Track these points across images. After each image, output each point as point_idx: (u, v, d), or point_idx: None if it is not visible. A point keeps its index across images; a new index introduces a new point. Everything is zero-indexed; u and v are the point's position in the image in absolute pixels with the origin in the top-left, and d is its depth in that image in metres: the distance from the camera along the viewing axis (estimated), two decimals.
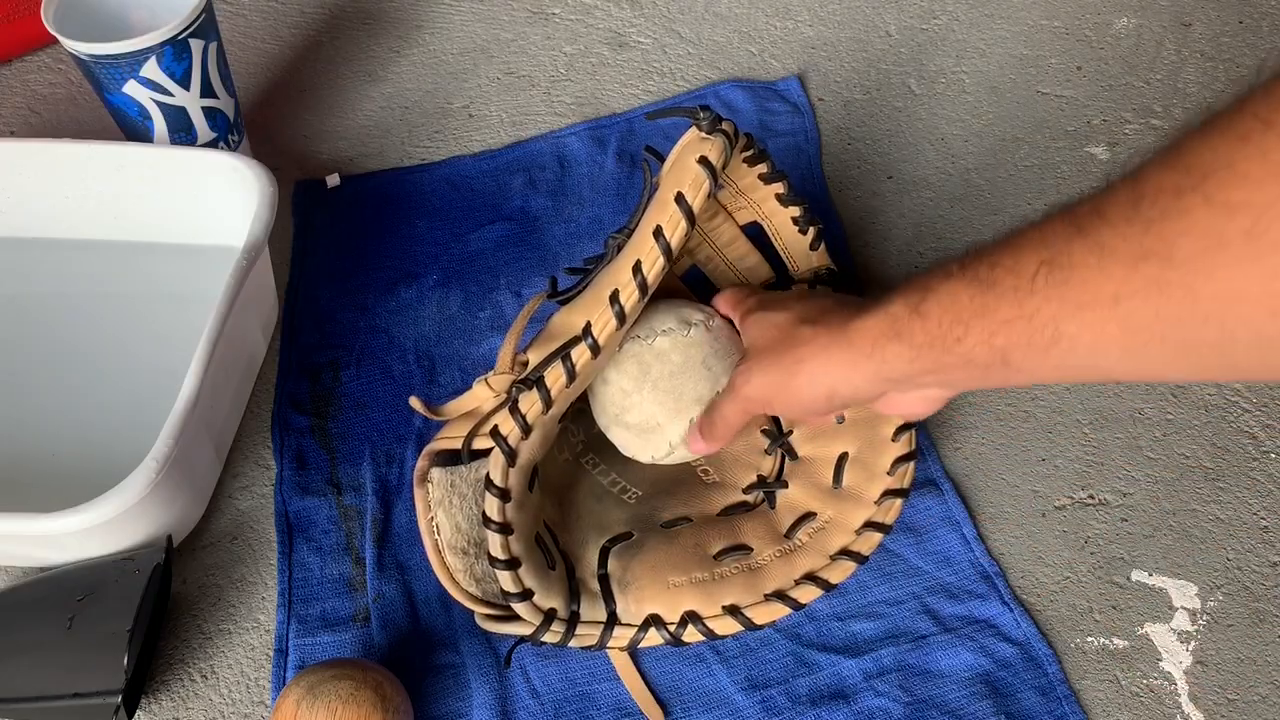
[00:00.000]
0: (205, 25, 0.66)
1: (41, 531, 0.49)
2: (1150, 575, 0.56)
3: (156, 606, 0.52)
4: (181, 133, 0.69)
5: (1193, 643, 0.54)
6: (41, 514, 0.49)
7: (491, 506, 0.48)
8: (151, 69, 0.64)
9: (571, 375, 0.48)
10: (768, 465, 0.57)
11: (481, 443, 0.49)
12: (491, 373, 0.50)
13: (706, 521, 0.55)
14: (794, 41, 0.84)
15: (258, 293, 0.63)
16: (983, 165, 0.75)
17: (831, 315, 0.47)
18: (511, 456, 0.49)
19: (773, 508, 0.55)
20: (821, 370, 0.46)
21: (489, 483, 0.48)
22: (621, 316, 0.48)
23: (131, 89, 0.65)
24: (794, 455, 0.56)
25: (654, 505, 0.56)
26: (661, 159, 0.51)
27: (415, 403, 0.50)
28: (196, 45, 0.65)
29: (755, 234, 0.59)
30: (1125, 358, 0.35)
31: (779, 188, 0.56)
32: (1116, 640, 0.54)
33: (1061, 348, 0.36)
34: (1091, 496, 0.59)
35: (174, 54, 0.64)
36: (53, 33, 0.63)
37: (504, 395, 0.50)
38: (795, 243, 0.58)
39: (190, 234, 0.68)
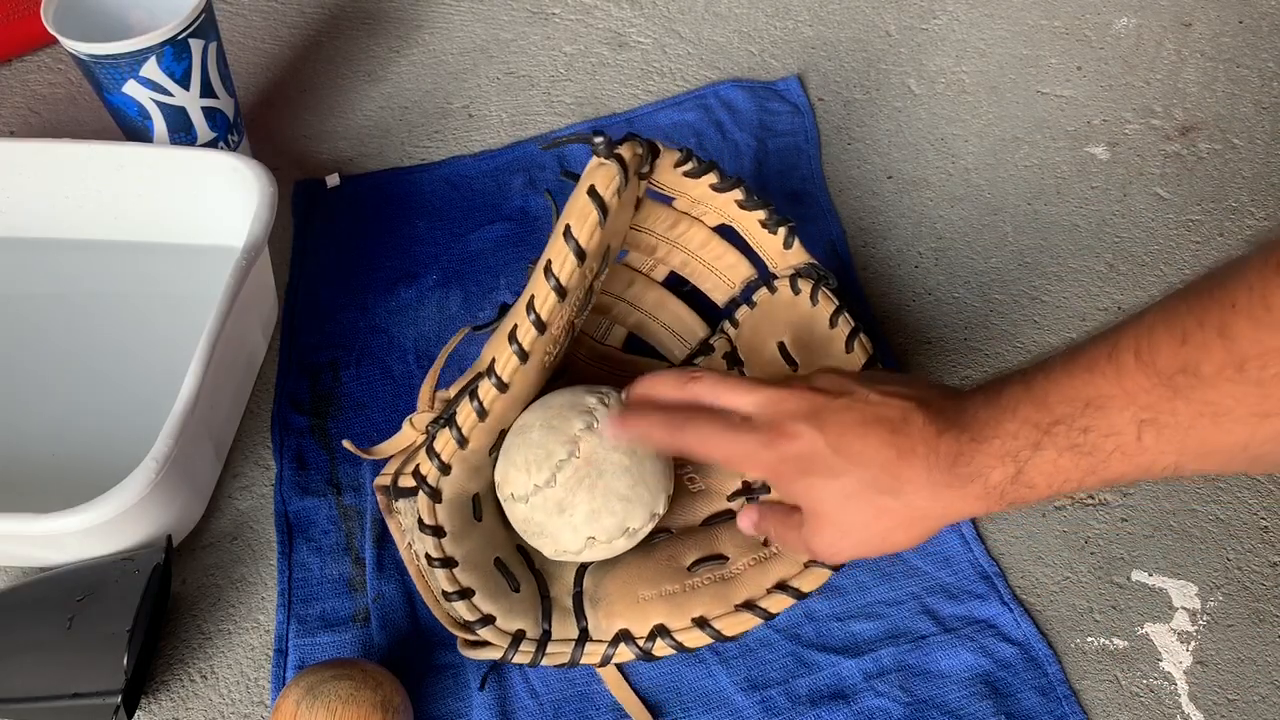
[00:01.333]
0: (205, 25, 0.66)
1: (41, 531, 0.49)
2: (1150, 575, 0.56)
3: (156, 606, 0.52)
4: (181, 133, 0.69)
5: (1193, 643, 0.54)
6: (41, 514, 0.49)
7: (427, 544, 0.49)
8: (151, 69, 0.64)
9: (482, 412, 0.49)
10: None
11: (406, 481, 0.51)
12: (416, 412, 0.51)
13: (686, 532, 0.55)
14: (794, 41, 0.84)
15: (258, 293, 0.63)
16: (983, 165, 0.75)
17: (917, 460, 0.41)
18: (435, 494, 0.50)
19: None
20: (920, 519, 0.42)
21: (420, 523, 0.49)
22: (523, 354, 0.48)
23: (131, 89, 0.65)
24: None
25: None
26: (577, 180, 0.50)
27: (348, 445, 0.52)
28: (196, 45, 0.65)
29: (730, 233, 0.60)
30: (1240, 468, 0.36)
31: (737, 194, 0.56)
32: (1116, 640, 0.54)
33: (1179, 473, 0.36)
34: (1091, 496, 0.59)
35: (174, 54, 0.64)
36: (53, 33, 0.63)
37: (424, 432, 0.51)
38: (768, 242, 0.58)
39: (190, 234, 0.68)
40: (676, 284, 0.64)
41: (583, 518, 0.49)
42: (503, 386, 0.49)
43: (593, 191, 0.48)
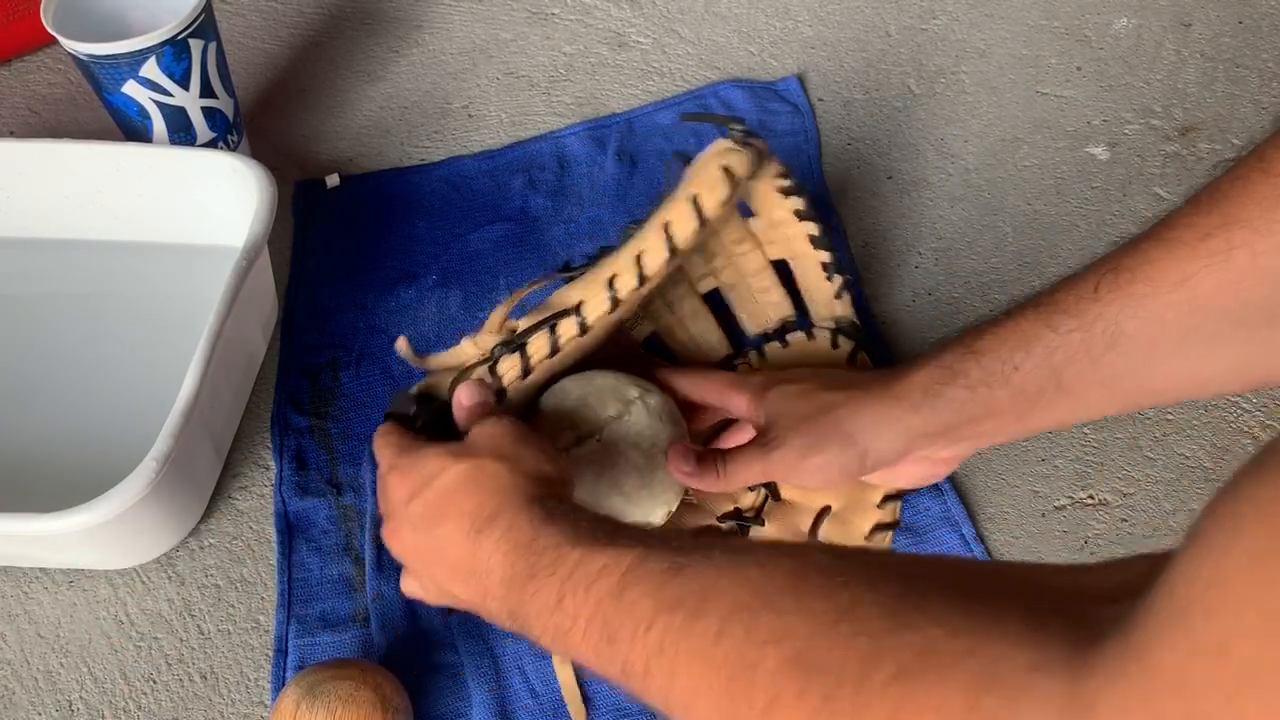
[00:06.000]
0: (205, 25, 0.66)
1: (41, 531, 0.49)
2: None
3: None
4: (181, 133, 0.69)
5: None
6: (41, 514, 0.49)
7: None
8: (151, 69, 0.64)
9: (555, 348, 0.49)
10: (749, 500, 0.57)
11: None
12: (480, 331, 0.51)
13: None
14: (794, 41, 0.84)
15: (257, 293, 0.63)
16: (983, 165, 0.75)
17: (864, 380, 0.48)
18: None
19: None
20: (859, 430, 0.46)
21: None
22: (615, 301, 0.49)
23: (131, 89, 0.65)
24: (777, 497, 0.56)
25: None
26: (688, 162, 0.51)
27: (402, 344, 0.51)
28: (196, 45, 0.65)
29: (783, 272, 0.60)
30: (1179, 347, 0.38)
31: (811, 228, 0.56)
32: None
33: (1117, 351, 0.39)
34: (1091, 496, 0.59)
35: (174, 54, 0.64)
36: (52, 33, 0.63)
37: (487, 354, 0.50)
38: (820, 288, 0.58)
39: (190, 234, 0.68)
40: (712, 301, 0.64)
41: (580, 496, 0.49)
42: (585, 329, 0.49)
43: (727, 170, 0.49)
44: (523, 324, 0.50)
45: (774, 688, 0.28)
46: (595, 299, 0.49)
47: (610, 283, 0.49)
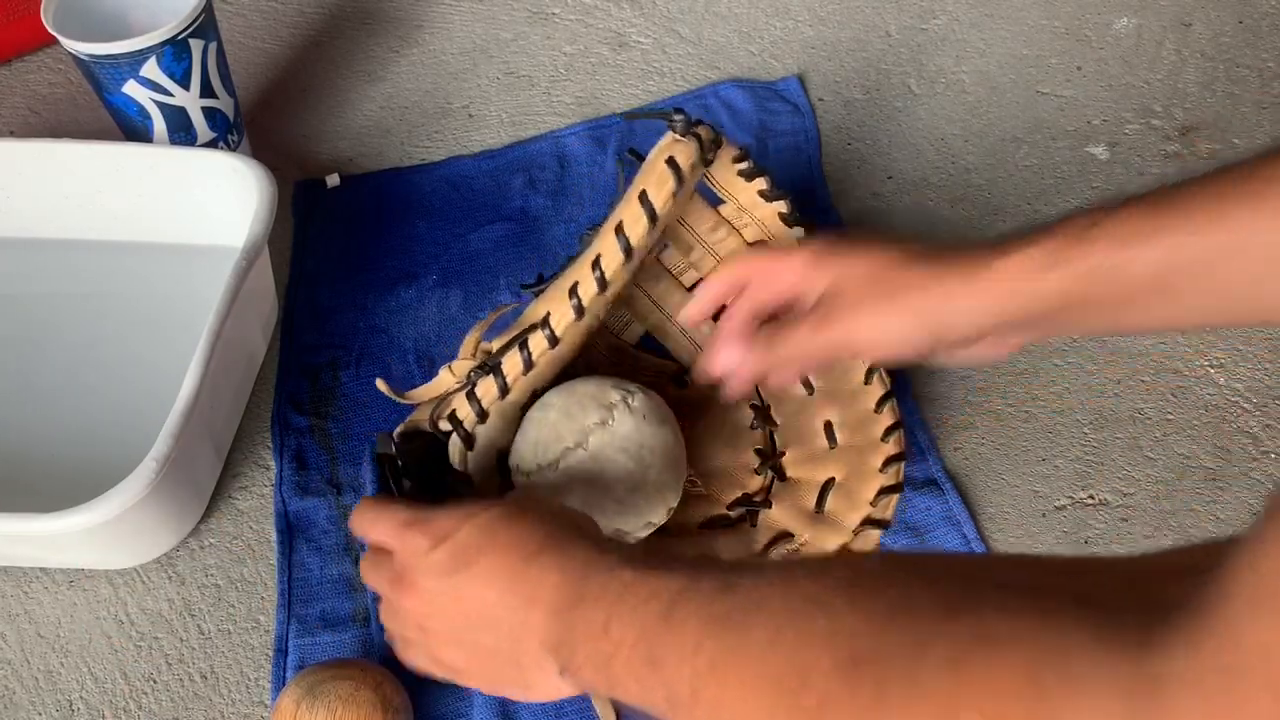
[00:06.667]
0: (205, 25, 0.66)
1: (41, 531, 0.49)
2: None
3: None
4: (181, 133, 0.69)
5: None
6: (41, 514, 0.49)
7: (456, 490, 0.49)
8: (151, 69, 0.64)
9: (529, 364, 0.49)
10: (755, 484, 0.57)
11: (443, 425, 0.50)
12: (456, 359, 0.51)
13: (683, 532, 0.55)
14: (794, 41, 0.84)
15: (257, 293, 0.63)
16: (983, 165, 0.75)
17: (946, 257, 0.44)
18: (469, 440, 0.50)
19: (753, 525, 0.55)
20: (939, 313, 0.44)
21: (447, 467, 0.49)
22: (580, 309, 0.49)
23: (131, 89, 0.65)
24: (783, 476, 0.56)
25: None
26: (643, 160, 0.52)
27: (381, 385, 0.50)
28: (196, 45, 0.65)
29: None
30: None
31: (781, 206, 0.56)
32: None
33: (1241, 259, 0.37)
34: (1091, 496, 0.59)
35: (174, 54, 0.64)
36: (53, 33, 0.63)
37: (464, 381, 0.51)
38: None
39: (190, 234, 0.68)
40: None
41: (573, 507, 0.49)
42: (554, 340, 0.49)
43: (672, 162, 0.49)
44: (496, 344, 0.51)
45: (826, 686, 0.27)
46: (560, 309, 0.49)
47: (572, 291, 0.49)
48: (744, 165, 0.55)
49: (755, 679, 0.29)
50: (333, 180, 0.75)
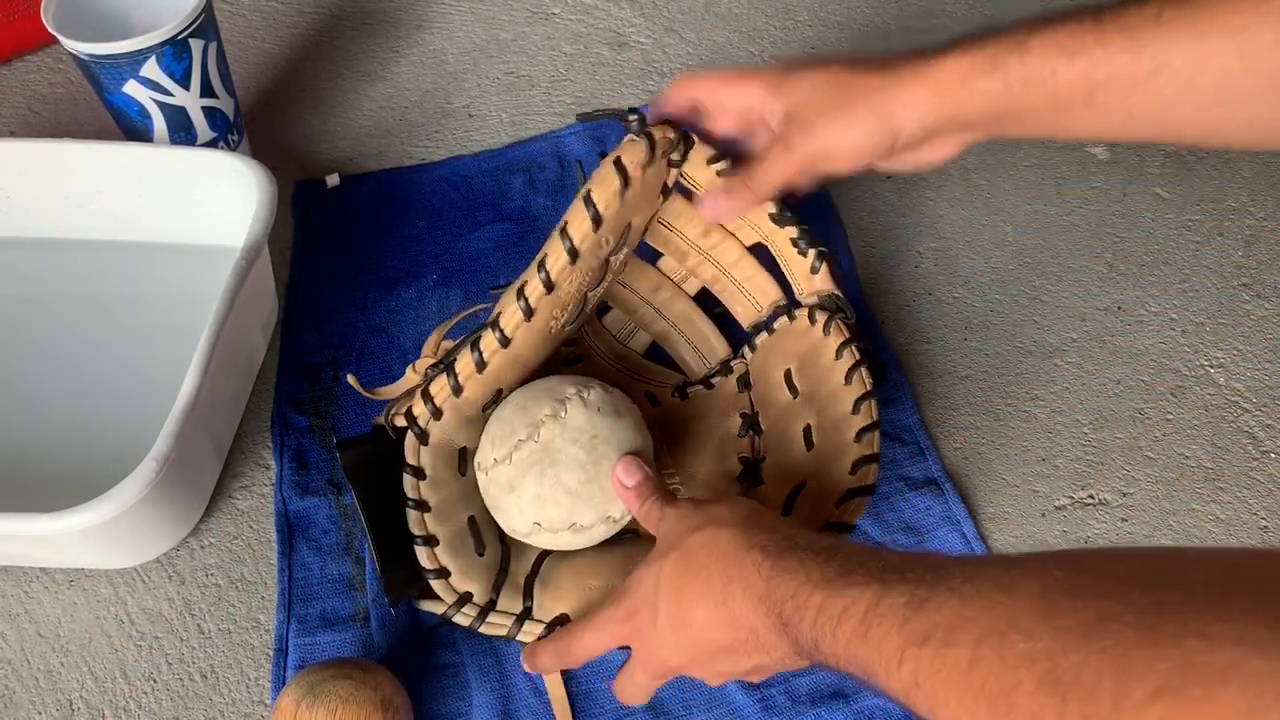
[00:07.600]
0: (205, 25, 0.66)
1: (41, 531, 0.49)
2: None
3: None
4: (181, 132, 0.69)
5: None
6: (41, 514, 0.49)
7: (407, 484, 0.50)
8: (151, 69, 0.64)
9: (481, 363, 0.50)
10: (734, 491, 0.56)
11: (399, 420, 0.51)
12: (419, 358, 0.53)
13: (651, 536, 0.55)
14: (794, 41, 0.84)
15: (257, 292, 0.63)
16: (983, 165, 0.75)
17: (894, 63, 0.48)
18: (423, 436, 0.50)
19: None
20: (893, 111, 0.47)
21: (403, 461, 0.50)
22: (528, 310, 0.50)
23: (131, 89, 0.65)
24: (760, 481, 0.56)
25: None
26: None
27: (352, 381, 0.54)
28: (196, 45, 0.65)
29: (767, 256, 0.60)
30: (1215, 94, 0.40)
31: (769, 207, 0.56)
32: None
33: (1156, 82, 0.41)
34: (1091, 496, 0.59)
35: (174, 54, 0.64)
36: (53, 33, 0.63)
37: (424, 378, 0.52)
38: (797, 264, 0.58)
39: (190, 234, 0.68)
40: (708, 305, 0.64)
41: (528, 500, 0.49)
42: (505, 341, 0.50)
43: (617, 162, 0.50)
44: (455, 345, 0.52)
45: (1033, 708, 0.27)
46: (509, 310, 0.50)
47: (520, 292, 0.50)
48: (721, 166, 0.55)
49: (963, 697, 0.30)
50: (333, 180, 0.75)
